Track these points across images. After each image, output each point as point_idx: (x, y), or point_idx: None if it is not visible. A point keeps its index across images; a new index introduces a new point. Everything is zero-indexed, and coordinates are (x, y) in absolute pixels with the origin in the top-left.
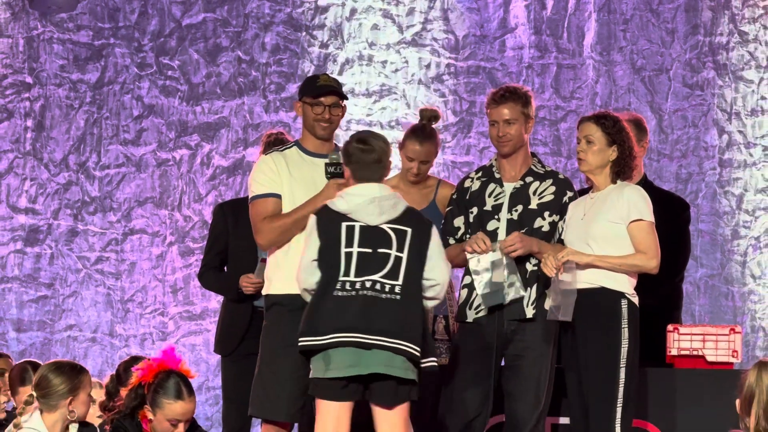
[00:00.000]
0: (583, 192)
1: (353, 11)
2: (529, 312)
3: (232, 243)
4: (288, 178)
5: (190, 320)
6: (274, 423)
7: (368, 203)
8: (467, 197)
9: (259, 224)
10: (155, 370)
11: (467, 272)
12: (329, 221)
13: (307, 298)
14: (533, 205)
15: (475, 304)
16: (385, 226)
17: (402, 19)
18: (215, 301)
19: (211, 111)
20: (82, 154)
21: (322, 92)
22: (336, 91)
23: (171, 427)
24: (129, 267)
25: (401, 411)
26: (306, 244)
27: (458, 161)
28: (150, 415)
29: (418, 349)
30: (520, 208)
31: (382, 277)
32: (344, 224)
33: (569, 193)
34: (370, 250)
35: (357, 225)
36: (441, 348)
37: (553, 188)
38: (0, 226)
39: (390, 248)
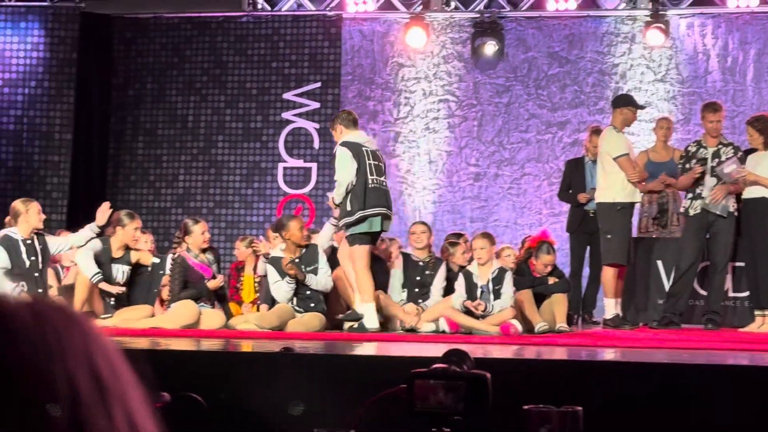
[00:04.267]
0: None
1: (631, 65)
2: (724, 212)
3: (569, 178)
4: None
5: (553, 216)
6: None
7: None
8: (689, 155)
9: (631, 171)
10: (536, 239)
11: (688, 194)
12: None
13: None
14: (723, 159)
15: (694, 206)
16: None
17: (654, 68)
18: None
19: (561, 116)
20: (501, 137)
21: (641, 107)
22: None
23: (544, 268)
24: (523, 191)
25: None
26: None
27: (682, 138)
28: (535, 261)
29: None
30: (716, 161)
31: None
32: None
33: (740, 153)
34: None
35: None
36: (675, 228)
37: (732, 150)
38: (462, 172)
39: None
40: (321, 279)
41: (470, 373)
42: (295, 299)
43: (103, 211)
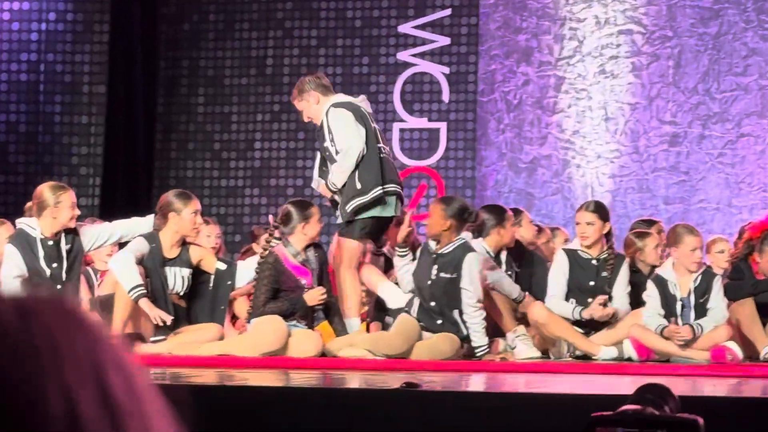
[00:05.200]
0: None
1: None
2: None
3: None
4: None
5: None
6: None
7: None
8: None
9: None
10: (760, 228)
11: None
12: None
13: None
14: None
15: None
16: None
17: None
18: None
19: None
20: (707, 83)
21: None
22: None
23: None
24: (740, 159)
25: None
26: None
27: None
28: (758, 258)
29: None
30: None
31: None
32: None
33: None
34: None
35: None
36: None
37: None
38: (652, 133)
39: None
40: (468, 311)
41: (674, 417)
42: (415, 308)
43: None
